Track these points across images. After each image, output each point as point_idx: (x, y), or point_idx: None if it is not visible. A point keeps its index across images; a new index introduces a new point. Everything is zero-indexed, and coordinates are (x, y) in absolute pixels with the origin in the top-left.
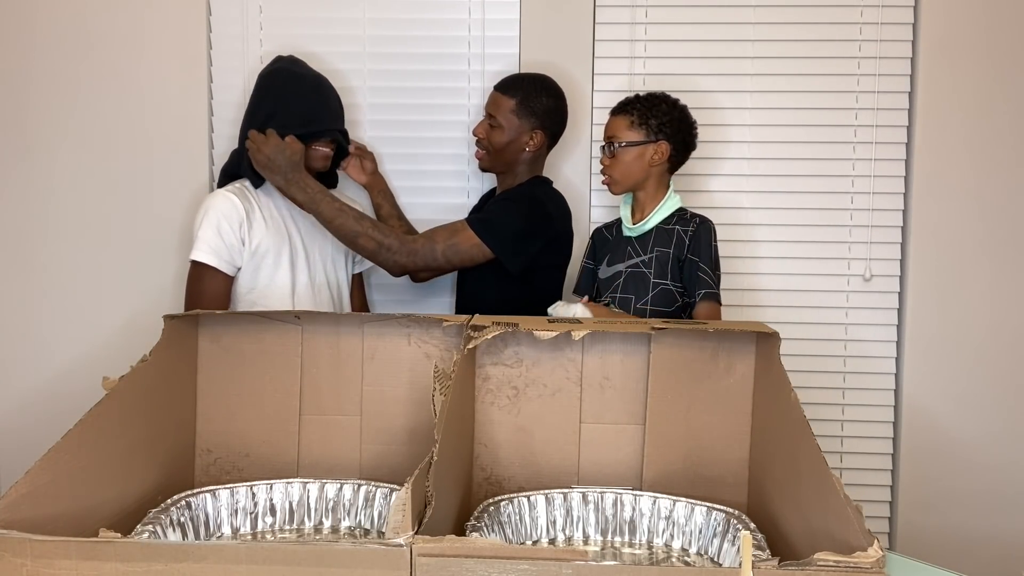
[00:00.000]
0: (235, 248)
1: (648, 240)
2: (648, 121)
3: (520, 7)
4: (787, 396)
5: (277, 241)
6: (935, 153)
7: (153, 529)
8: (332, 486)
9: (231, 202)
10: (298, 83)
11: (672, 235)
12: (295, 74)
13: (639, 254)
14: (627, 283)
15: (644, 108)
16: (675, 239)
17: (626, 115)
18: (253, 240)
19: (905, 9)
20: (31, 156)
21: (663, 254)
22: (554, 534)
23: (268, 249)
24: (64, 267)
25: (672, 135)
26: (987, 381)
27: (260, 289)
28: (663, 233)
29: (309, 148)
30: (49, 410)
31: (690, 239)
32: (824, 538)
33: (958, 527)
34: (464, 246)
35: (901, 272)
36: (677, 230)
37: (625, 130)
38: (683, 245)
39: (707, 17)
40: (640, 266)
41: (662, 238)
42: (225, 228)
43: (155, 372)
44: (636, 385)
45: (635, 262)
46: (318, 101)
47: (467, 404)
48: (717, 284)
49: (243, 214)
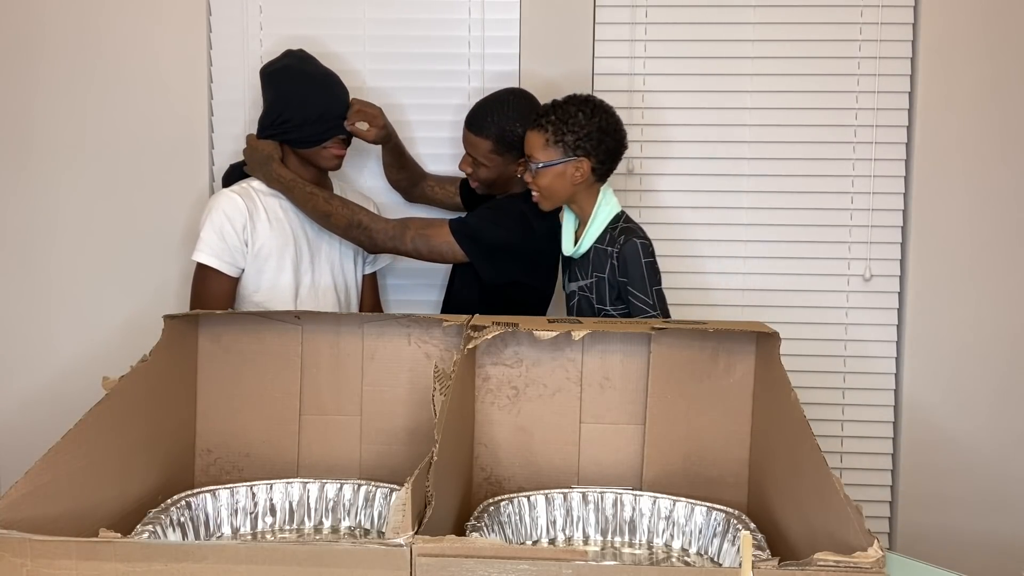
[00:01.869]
0: (237, 249)
1: (588, 263)
2: (564, 138)
3: (520, 7)
4: (787, 396)
5: (281, 242)
6: (935, 153)
7: (153, 529)
8: (332, 486)
9: (234, 203)
10: (306, 84)
11: (605, 257)
12: (304, 73)
13: (582, 277)
14: (580, 307)
15: (559, 122)
16: (608, 262)
17: (541, 131)
18: (256, 241)
19: (905, 9)
20: (31, 156)
21: (600, 280)
22: (554, 534)
23: (272, 250)
24: (64, 267)
25: (593, 149)
26: (987, 381)
27: (264, 291)
28: (599, 254)
29: (320, 148)
30: (49, 410)
31: (618, 262)
32: (824, 538)
33: (958, 527)
34: (436, 240)
35: (901, 272)
36: (609, 251)
37: (540, 149)
38: (614, 269)
39: (707, 17)
40: (586, 290)
41: (599, 260)
42: (228, 229)
43: (155, 372)
44: (636, 385)
45: (582, 284)
46: (325, 102)
47: (467, 404)
48: (657, 304)
49: (246, 215)
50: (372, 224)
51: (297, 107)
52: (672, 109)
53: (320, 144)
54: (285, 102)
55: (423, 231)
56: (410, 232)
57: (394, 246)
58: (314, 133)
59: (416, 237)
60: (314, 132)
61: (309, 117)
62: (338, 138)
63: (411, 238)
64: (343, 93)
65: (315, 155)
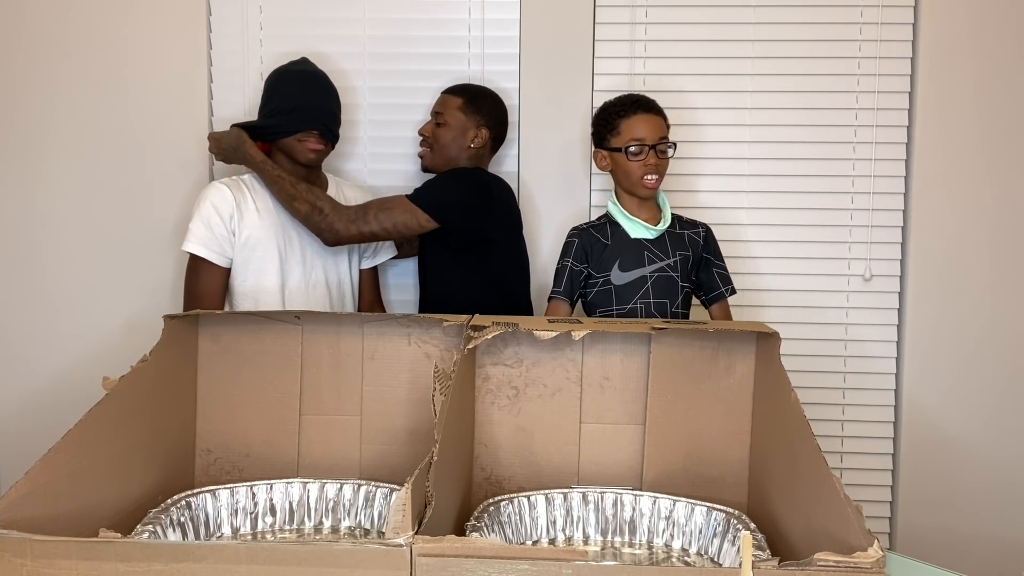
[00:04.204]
0: (225, 239)
1: (664, 244)
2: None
3: (520, 7)
4: (787, 396)
5: (269, 234)
6: (935, 153)
7: (153, 529)
8: (332, 486)
9: (222, 193)
10: (290, 79)
11: (684, 237)
12: (291, 72)
13: (661, 258)
14: (657, 288)
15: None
16: (693, 241)
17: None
18: (244, 231)
19: (905, 9)
20: (31, 156)
21: (685, 257)
22: (554, 534)
23: (259, 241)
24: (64, 267)
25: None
26: (987, 381)
27: (252, 282)
28: (673, 237)
29: (295, 140)
30: (49, 410)
31: (704, 240)
32: (824, 538)
33: (958, 527)
34: (397, 212)
35: (901, 272)
36: (686, 233)
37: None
38: (698, 246)
39: (707, 17)
40: (668, 269)
41: (677, 241)
42: (215, 220)
43: (155, 372)
44: (636, 385)
45: (665, 264)
46: (304, 95)
47: (467, 404)
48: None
49: (233, 205)
50: (333, 211)
51: (278, 99)
52: (672, 109)
53: (293, 134)
54: (268, 96)
55: (383, 208)
56: (371, 212)
57: (358, 229)
58: (288, 122)
59: (378, 214)
60: (288, 121)
61: (285, 107)
62: (314, 133)
63: (373, 217)
64: (328, 93)
65: (292, 147)
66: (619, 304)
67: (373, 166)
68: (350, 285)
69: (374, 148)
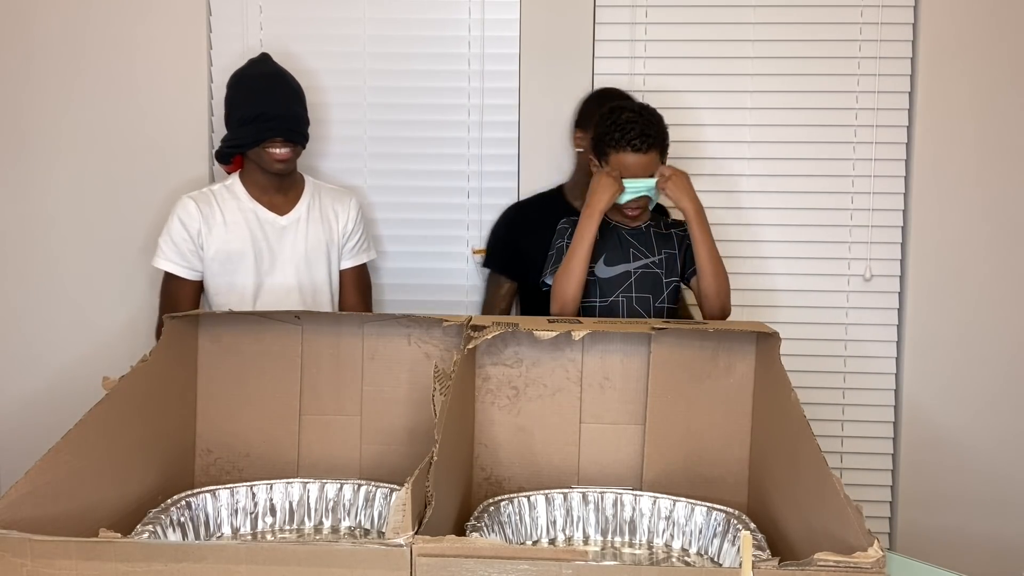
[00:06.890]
0: (192, 253)
1: (651, 240)
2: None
3: (520, 7)
4: (787, 396)
5: (239, 246)
6: (935, 153)
7: (153, 529)
8: (332, 486)
9: (187, 209)
10: (246, 86)
11: (668, 235)
12: (246, 76)
13: (645, 256)
14: (641, 283)
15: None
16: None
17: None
18: (212, 245)
19: (905, 9)
20: (31, 157)
21: (671, 255)
22: (554, 534)
23: (229, 253)
24: (64, 267)
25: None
26: (987, 381)
27: (223, 294)
28: (657, 235)
29: (260, 149)
30: (49, 410)
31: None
32: (824, 538)
33: (958, 527)
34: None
35: (901, 272)
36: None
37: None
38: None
39: (707, 17)
40: (653, 266)
41: (662, 239)
42: (182, 235)
43: (155, 372)
44: (636, 385)
45: (649, 261)
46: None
47: (467, 404)
48: None
49: (200, 220)
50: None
51: (239, 110)
52: (672, 109)
53: (258, 144)
54: (229, 107)
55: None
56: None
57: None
58: (250, 133)
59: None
60: (250, 133)
61: (247, 117)
62: (277, 140)
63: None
64: (288, 95)
65: (259, 157)
66: (601, 297)
67: (373, 166)
68: (328, 289)
69: (374, 148)
